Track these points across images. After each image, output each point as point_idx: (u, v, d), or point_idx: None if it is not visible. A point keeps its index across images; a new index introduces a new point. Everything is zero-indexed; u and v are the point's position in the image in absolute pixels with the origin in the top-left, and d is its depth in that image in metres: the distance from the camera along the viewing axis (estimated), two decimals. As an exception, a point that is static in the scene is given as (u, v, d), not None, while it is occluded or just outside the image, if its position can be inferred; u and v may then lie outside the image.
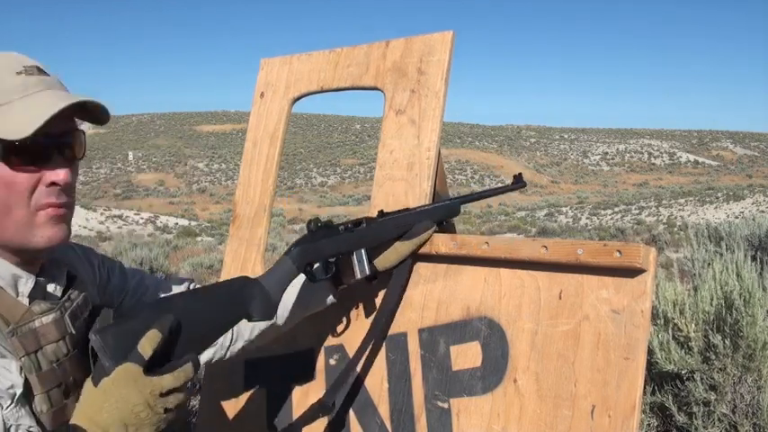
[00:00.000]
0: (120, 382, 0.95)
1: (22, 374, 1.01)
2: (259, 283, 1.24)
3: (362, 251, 1.33)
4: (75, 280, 1.17)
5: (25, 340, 1.02)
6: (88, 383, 0.98)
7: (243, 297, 1.21)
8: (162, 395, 0.96)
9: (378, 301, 1.43)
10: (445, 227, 1.41)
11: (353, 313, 1.48)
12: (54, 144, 1.04)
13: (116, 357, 0.96)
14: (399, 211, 1.38)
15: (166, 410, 0.97)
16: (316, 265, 1.31)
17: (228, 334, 1.38)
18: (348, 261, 1.34)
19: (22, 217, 1.02)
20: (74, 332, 1.09)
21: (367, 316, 1.45)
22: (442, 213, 1.38)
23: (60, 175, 1.04)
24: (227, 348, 1.40)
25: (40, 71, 1.06)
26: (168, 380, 0.97)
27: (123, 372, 0.95)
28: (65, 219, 1.07)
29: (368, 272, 1.33)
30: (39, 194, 1.03)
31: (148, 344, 0.97)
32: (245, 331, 1.41)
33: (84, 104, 1.05)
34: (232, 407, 1.63)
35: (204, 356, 1.37)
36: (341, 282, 1.41)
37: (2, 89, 1.01)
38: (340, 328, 1.49)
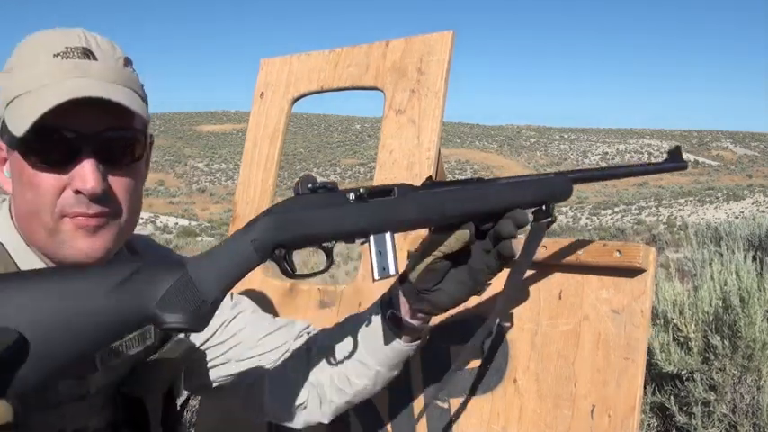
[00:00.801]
0: None
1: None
2: (183, 269, 0.78)
3: (387, 236, 0.86)
4: None
5: None
6: None
7: (142, 287, 0.75)
8: None
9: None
10: (541, 214, 0.97)
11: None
12: (86, 143, 0.86)
13: None
14: (463, 181, 0.94)
15: None
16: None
17: (307, 395, 1.12)
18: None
19: (47, 223, 0.87)
20: (98, 369, 0.92)
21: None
22: (545, 193, 0.95)
23: (88, 182, 0.85)
24: (321, 411, 1.14)
25: (86, 53, 0.87)
26: None
27: None
28: (102, 228, 0.89)
29: (392, 270, 0.85)
30: (64, 201, 0.86)
31: None
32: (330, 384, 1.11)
33: (97, 100, 0.83)
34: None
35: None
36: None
37: (31, 74, 0.86)
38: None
